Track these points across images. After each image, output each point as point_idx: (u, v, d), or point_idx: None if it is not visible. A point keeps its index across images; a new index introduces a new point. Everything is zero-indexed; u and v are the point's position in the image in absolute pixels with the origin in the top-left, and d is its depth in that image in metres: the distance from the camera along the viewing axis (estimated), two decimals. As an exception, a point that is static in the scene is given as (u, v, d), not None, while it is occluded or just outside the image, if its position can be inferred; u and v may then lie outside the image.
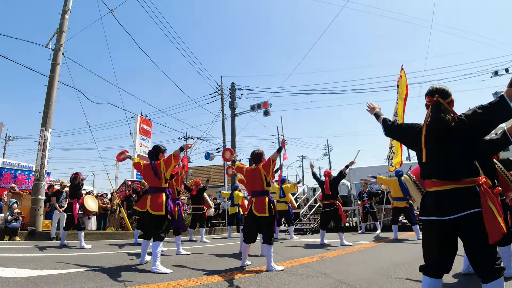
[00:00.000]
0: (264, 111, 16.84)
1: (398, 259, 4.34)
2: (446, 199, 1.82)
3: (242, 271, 3.62)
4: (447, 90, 2.01)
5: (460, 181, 1.80)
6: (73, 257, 4.72)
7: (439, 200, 1.84)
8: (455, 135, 1.85)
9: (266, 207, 3.92)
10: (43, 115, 8.89)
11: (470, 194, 1.77)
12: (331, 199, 6.82)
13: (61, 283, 2.89)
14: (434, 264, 1.84)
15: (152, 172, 4.17)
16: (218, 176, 28.64)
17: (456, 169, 1.83)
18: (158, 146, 4.46)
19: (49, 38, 9.35)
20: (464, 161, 1.84)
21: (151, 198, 4.11)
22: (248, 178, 4.23)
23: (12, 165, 12.08)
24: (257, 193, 4.06)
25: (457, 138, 1.84)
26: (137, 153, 16.22)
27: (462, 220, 1.75)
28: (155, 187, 4.19)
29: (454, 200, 1.79)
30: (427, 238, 1.91)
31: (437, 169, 1.88)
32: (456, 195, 1.79)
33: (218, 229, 12.33)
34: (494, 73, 15.06)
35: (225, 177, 15.73)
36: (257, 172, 4.10)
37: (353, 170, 14.67)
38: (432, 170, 1.91)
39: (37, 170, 8.57)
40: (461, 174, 1.81)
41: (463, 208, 1.75)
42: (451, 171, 1.84)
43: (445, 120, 1.88)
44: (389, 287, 2.76)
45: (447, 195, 1.82)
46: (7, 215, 7.51)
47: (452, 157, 1.85)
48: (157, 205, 4.03)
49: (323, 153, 38.94)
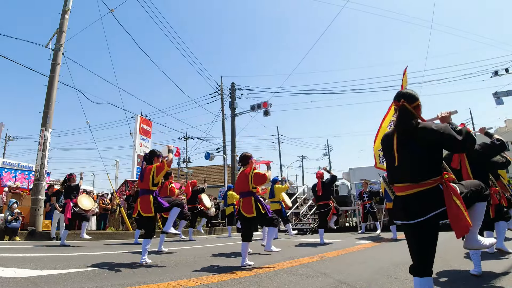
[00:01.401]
0: (264, 111, 16.85)
1: (398, 259, 4.34)
2: (412, 203, 1.87)
3: (242, 271, 3.61)
4: (413, 95, 2.07)
5: (423, 183, 1.85)
6: (73, 257, 4.72)
7: (406, 204, 1.90)
8: (416, 140, 1.89)
9: (253, 206, 4.11)
10: (43, 115, 8.89)
11: (434, 194, 1.82)
12: (324, 199, 7.01)
13: (61, 283, 2.89)
14: (414, 263, 1.88)
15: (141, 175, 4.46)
16: (218, 176, 28.64)
17: (418, 172, 1.87)
18: (154, 151, 4.64)
19: (49, 38, 9.36)
20: (424, 164, 1.88)
21: (140, 200, 4.38)
22: (237, 180, 4.43)
23: (12, 165, 12.10)
24: (244, 193, 4.25)
25: (416, 144, 1.89)
26: (137, 153, 16.23)
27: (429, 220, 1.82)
28: (143, 189, 4.43)
29: (420, 203, 1.84)
30: (407, 240, 1.97)
31: (402, 174, 1.93)
32: (421, 198, 1.85)
33: (218, 229, 12.33)
34: (494, 73, 15.05)
35: (225, 177, 15.75)
36: (244, 175, 4.27)
37: (353, 170, 14.69)
38: (398, 175, 1.96)
39: (37, 170, 8.57)
40: (423, 176, 1.85)
41: (429, 210, 1.81)
42: (414, 175, 1.88)
43: (408, 124, 1.92)
44: (389, 287, 2.75)
45: (413, 199, 1.87)
46: (7, 215, 7.51)
47: (413, 161, 1.90)
48: (146, 207, 4.31)
49: (323, 153, 38.97)
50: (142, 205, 4.35)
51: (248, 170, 4.27)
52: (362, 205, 10.12)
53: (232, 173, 17.18)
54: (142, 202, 4.36)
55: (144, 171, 4.46)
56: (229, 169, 17.75)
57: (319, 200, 7.11)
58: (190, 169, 21.94)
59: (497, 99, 15.11)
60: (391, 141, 2.01)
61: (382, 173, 11.42)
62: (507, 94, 14.97)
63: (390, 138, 2.03)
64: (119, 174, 20.98)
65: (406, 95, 2.06)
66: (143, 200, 4.36)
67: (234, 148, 17.26)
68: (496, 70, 15.02)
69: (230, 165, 17.55)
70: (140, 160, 16.51)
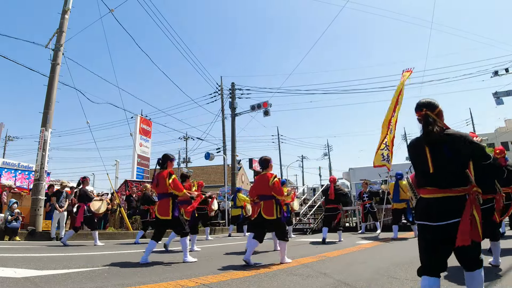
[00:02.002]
0: (264, 111, 16.84)
1: (398, 259, 4.34)
2: (437, 206, 1.93)
3: (243, 271, 3.61)
4: (433, 102, 2.13)
5: (452, 190, 1.91)
6: (73, 257, 4.72)
7: (430, 206, 1.95)
8: (447, 146, 1.95)
9: (274, 210, 4.22)
10: (43, 115, 8.89)
11: (459, 203, 1.88)
12: (335, 204, 7.23)
13: (61, 283, 2.89)
14: (429, 264, 1.93)
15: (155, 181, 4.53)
16: (218, 176, 28.66)
17: (450, 179, 1.93)
18: (168, 155, 4.67)
19: (49, 38, 9.37)
20: (455, 171, 1.95)
21: (159, 204, 4.48)
22: (257, 183, 4.48)
23: (12, 165, 12.10)
24: (265, 197, 4.30)
25: (447, 149, 1.95)
26: (137, 153, 16.23)
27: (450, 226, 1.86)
28: (162, 193, 4.48)
29: (444, 208, 1.90)
30: (422, 240, 2.00)
31: (435, 179, 1.98)
32: (446, 203, 1.90)
33: (218, 229, 12.33)
34: (494, 73, 15.05)
35: (225, 177, 15.74)
36: (265, 178, 4.33)
37: (353, 170, 14.70)
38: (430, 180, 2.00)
39: (37, 170, 8.57)
40: (454, 183, 1.92)
41: (452, 215, 1.86)
42: (444, 180, 1.94)
43: (433, 132, 1.98)
44: (389, 287, 2.75)
45: (438, 203, 1.93)
46: (7, 215, 7.51)
47: (445, 166, 1.95)
48: (163, 211, 4.40)
49: (323, 153, 39.00)
50: (160, 208, 4.43)
51: (270, 174, 4.34)
52: (362, 205, 10.12)
53: (232, 173, 17.18)
54: (160, 205, 4.44)
55: (158, 176, 4.49)
56: (229, 169, 17.75)
57: (329, 203, 7.30)
58: (190, 169, 21.92)
59: (497, 99, 15.11)
60: (422, 148, 2.06)
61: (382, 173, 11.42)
62: (507, 94, 14.97)
63: (420, 146, 2.08)
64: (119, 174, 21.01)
65: (427, 104, 2.11)
66: (161, 203, 4.44)
67: (234, 148, 17.25)
68: (496, 70, 15.02)
69: (230, 165, 17.55)
70: (140, 160, 16.53)
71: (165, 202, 4.41)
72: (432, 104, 2.11)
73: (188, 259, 4.35)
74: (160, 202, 4.47)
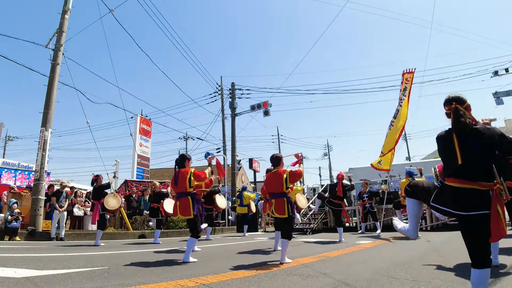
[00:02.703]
0: (264, 111, 16.85)
1: (398, 259, 4.34)
2: (462, 196, 2.03)
3: (243, 271, 3.62)
4: (462, 97, 2.25)
5: (478, 183, 2.00)
6: (73, 257, 4.72)
7: (456, 195, 2.06)
8: (476, 140, 2.04)
9: (285, 208, 4.23)
10: (43, 115, 8.89)
11: (484, 197, 1.98)
12: (340, 200, 7.52)
13: (61, 283, 2.89)
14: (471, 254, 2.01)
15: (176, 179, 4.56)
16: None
17: (476, 171, 2.03)
18: (185, 155, 4.80)
19: (49, 38, 9.37)
20: (483, 165, 2.04)
21: (179, 203, 4.51)
22: (269, 181, 4.50)
23: (12, 165, 12.10)
24: (277, 194, 4.32)
25: (477, 143, 2.03)
26: (137, 153, 16.23)
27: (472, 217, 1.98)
28: (181, 192, 4.53)
29: (469, 199, 2.00)
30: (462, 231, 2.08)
31: (464, 171, 2.06)
32: (472, 195, 2.00)
33: (218, 229, 12.33)
34: (494, 73, 15.05)
35: (225, 177, 15.75)
36: (278, 176, 4.34)
37: (353, 170, 14.70)
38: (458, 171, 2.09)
39: (37, 170, 8.58)
40: (479, 176, 2.01)
41: (475, 208, 1.97)
42: (472, 173, 2.03)
43: (465, 123, 2.08)
44: (389, 287, 2.75)
45: (464, 193, 2.03)
46: (7, 215, 7.51)
47: (473, 160, 2.04)
48: (185, 210, 4.45)
49: (323, 153, 39.05)
50: (181, 207, 4.46)
51: (282, 171, 4.35)
52: (362, 205, 10.12)
53: (232, 173, 17.18)
54: (181, 204, 4.47)
55: (178, 175, 4.54)
56: (229, 169, 17.74)
57: (335, 199, 7.54)
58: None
59: (497, 99, 15.11)
60: (450, 141, 2.13)
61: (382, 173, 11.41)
62: (507, 94, 14.97)
63: (449, 138, 2.15)
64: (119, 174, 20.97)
65: (456, 98, 2.22)
66: (182, 202, 4.47)
67: (234, 148, 17.25)
68: (496, 70, 15.02)
69: (230, 165, 17.55)
70: (140, 160, 16.52)
71: (186, 201, 4.45)
72: (461, 99, 2.22)
73: (189, 259, 4.35)
74: (180, 201, 4.49)
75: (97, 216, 6.82)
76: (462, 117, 2.10)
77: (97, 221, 6.96)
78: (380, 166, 8.83)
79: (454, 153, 2.08)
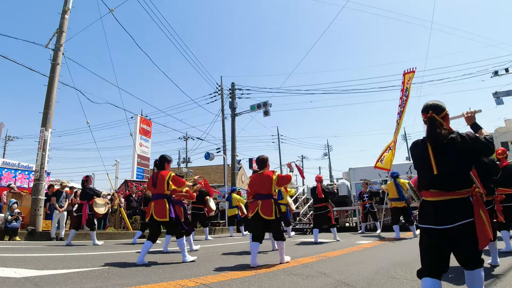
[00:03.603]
0: (264, 111, 16.84)
1: (398, 259, 4.34)
2: (443, 209, 1.93)
3: (243, 271, 3.61)
4: (440, 105, 2.11)
5: (456, 192, 1.92)
6: (73, 257, 4.72)
7: (437, 210, 1.95)
8: (452, 148, 1.96)
9: (273, 210, 4.17)
10: (43, 115, 8.89)
11: (465, 205, 1.90)
12: (323, 202, 7.30)
13: (61, 283, 2.89)
14: (432, 265, 1.93)
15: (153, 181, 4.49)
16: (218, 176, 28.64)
17: (453, 181, 1.94)
18: (164, 157, 4.68)
19: (49, 38, 9.37)
20: (460, 173, 1.95)
21: (154, 205, 4.40)
22: (255, 182, 4.41)
23: (12, 165, 12.09)
24: (263, 196, 4.24)
25: (453, 151, 1.95)
26: (137, 153, 16.23)
27: (457, 228, 1.88)
28: (158, 193, 4.44)
29: (450, 211, 1.91)
30: (426, 243, 1.99)
31: (439, 181, 1.97)
32: (452, 206, 1.91)
33: (218, 229, 12.33)
34: (494, 73, 15.05)
35: (225, 177, 15.73)
36: (265, 177, 4.30)
37: (353, 170, 14.68)
38: (433, 182, 2.00)
39: (37, 170, 8.57)
40: (457, 185, 1.93)
41: (458, 218, 1.88)
42: (448, 183, 1.94)
43: (440, 135, 1.98)
44: (389, 287, 2.75)
45: (445, 206, 1.93)
46: (7, 215, 7.51)
47: (449, 169, 1.96)
48: (160, 212, 4.34)
49: (323, 153, 39.06)
50: (156, 209, 4.36)
51: (270, 173, 4.31)
52: (362, 205, 10.12)
53: (232, 173, 17.18)
54: (156, 206, 4.37)
55: (157, 177, 4.45)
56: (229, 169, 17.74)
57: (318, 203, 7.36)
58: (190, 169, 21.92)
59: (497, 99, 15.11)
60: (425, 149, 2.04)
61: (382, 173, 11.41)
62: (507, 94, 14.97)
63: (423, 147, 2.07)
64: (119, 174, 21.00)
65: (434, 106, 2.10)
66: (157, 204, 4.37)
67: (234, 148, 17.25)
68: (496, 70, 15.02)
69: (230, 165, 17.55)
70: (140, 160, 16.52)
71: (162, 203, 4.35)
72: (439, 107, 2.09)
73: (188, 258, 4.33)
74: (156, 203, 4.39)
75: (86, 216, 6.80)
76: (437, 128, 1.99)
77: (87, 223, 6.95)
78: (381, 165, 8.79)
79: (430, 164, 1.99)
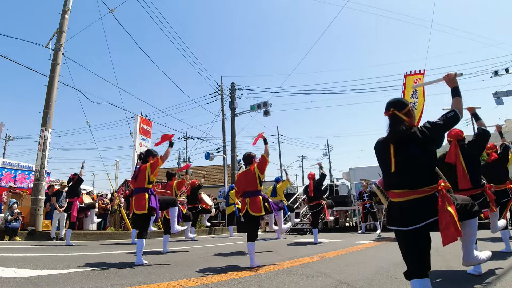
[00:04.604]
0: (264, 111, 16.84)
1: (398, 259, 4.31)
2: (409, 209, 1.88)
3: (243, 271, 3.61)
4: (402, 101, 2.11)
5: (421, 190, 1.87)
6: (73, 257, 4.72)
7: (404, 211, 1.90)
8: (413, 143, 1.92)
9: (261, 206, 4.09)
10: (43, 115, 8.89)
11: (430, 203, 1.85)
12: (316, 199, 7.27)
13: (61, 283, 2.89)
14: (413, 265, 1.89)
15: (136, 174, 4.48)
16: (218, 176, 28.64)
17: (416, 178, 1.90)
18: (150, 150, 4.68)
19: (49, 38, 9.37)
20: (424, 170, 1.91)
21: (135, 199, 4.38)
22: (241, 180, 4.32)
23: (12, 165, 12.08)
24: (251, 193, 4.16)
25: (414, 146, 1.92)
26: (137, 153, 16.21)
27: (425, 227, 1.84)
28: (138, 188, 4.42)
29: (416, 211, 1.86)
30: (402, 243, 1.96)
31: (400, 180, 1.94)
32: (418, 205, 1.86)
33: (218, 229, 12.34)
34: (494, 73, 15.04)
35: (225, 177, 15.75)
36: (250, 173, 4.20)
37: (353, 170, 14.68)
38: (395, 181, 1.97)
39: (37, 170, 8.58)
40: (421, 183, 1.88)
41: (424, 218, 1.84)
42: (412, 180, 1.90)
43: (400, 131, 1.95)
44: (389, 287, 2.75)
45: (410, 206, 1.88)
46: (7, 215, 7.51)
47: (412, 166, 1.92)
48: (140, 205, 4.29)
49: (323, 153, 39.01)
50: (136, 203, 4.33)
51: (252, 166, 4.21)
52: (362, 205, 10.12)
53: (232, 173, 17.17)
54: (137, 200, 4.33)
55: (139, 170, 4.46)
56: (229, 169, 17.75)
57: (311, 201, 7.35)
58: (190, 169, 21.93)
59: (497, 99, 15.10)
60: (387, 147, 2.01)
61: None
62: (507, 94, 14.96)
63: (386, 144, 2.03)
64: (119, 174, 20.97)
65: (395, 103, 2.09)
66: (137, 198, 4.34)
67: (234, 148, 17.25)
68: (496, 70, 15.01)
69: (230, 165, 17.55)
70: (140, 161, 16.54)
71: (141, 197, 4.31)
72: (400, 103, 2.09)
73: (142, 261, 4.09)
74: (136, 197, 4.35)
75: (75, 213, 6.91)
76: (398, 124, 1.97)
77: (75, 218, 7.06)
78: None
79: (389, 161, 1.96)
